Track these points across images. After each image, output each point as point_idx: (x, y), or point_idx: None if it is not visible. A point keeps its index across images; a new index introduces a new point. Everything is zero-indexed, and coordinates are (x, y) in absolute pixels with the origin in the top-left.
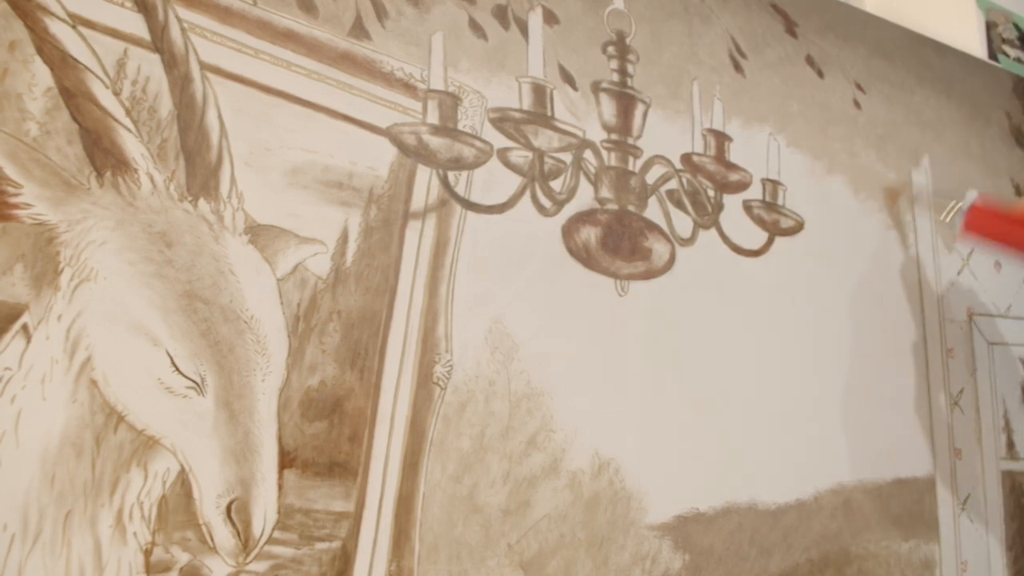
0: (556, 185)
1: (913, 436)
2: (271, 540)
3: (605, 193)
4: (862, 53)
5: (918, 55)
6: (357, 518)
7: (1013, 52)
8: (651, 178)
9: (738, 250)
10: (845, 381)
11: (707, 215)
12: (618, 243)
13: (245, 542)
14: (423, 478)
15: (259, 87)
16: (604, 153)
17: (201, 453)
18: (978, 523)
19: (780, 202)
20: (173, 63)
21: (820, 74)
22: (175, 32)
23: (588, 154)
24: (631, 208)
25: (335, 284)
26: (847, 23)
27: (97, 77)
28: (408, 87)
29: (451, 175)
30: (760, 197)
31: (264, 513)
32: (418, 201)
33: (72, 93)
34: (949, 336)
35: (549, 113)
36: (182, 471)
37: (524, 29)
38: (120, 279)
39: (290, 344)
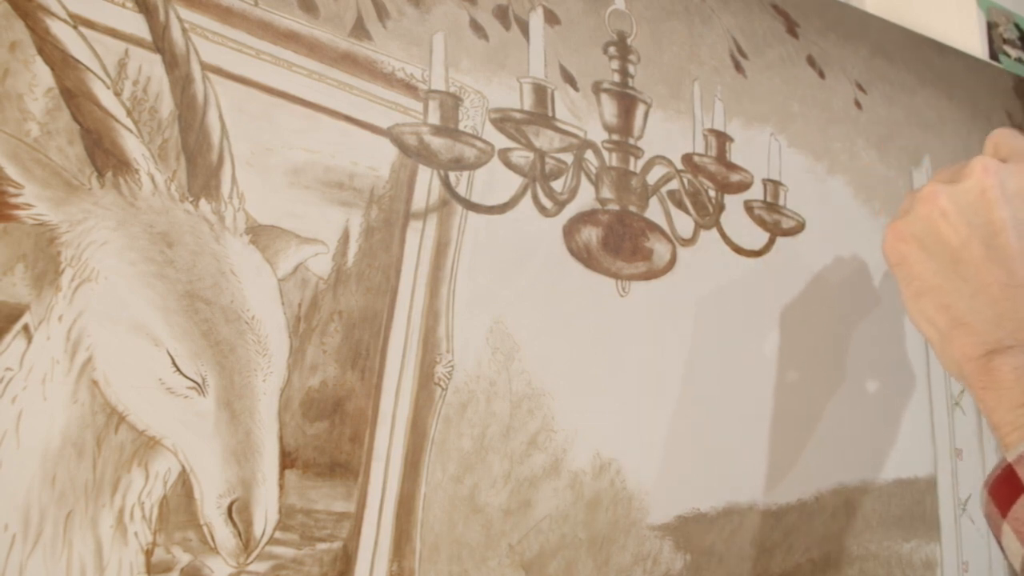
0: (557, 185)
1: (914, 436)
2: (272, 540)
3: (606, 193)
4: (863, 53)
5: (919, 55)
6: (358, 518)
7: (1014, 52)
8: (652, 178)
9: (739, 250)
10: (846, 381)
11: (708, 215)
12: (619, 243)
13: (246, 542)
14: (424, 478)
15: (260, 87)
16: (605, 153)
17: (202, 453)
18: (979, 524)
19: (781, 202)
20: (174, 63)
21: (821, 74)
22: (176, 32)
23: (589, 154)
24: (632, 208)
25: (336, 284)
26: (848, 23)
27: (98, 77)
28: (409, 87)
29: (452, 175)
30: (761, 197)
31: (265, 513)
32: (419, 201)
33: (73, 93)
34: None
35: (550, 113)
36: (183, 471)
37: (525, 29)
38: (121, 279)
39: (291, 344)
